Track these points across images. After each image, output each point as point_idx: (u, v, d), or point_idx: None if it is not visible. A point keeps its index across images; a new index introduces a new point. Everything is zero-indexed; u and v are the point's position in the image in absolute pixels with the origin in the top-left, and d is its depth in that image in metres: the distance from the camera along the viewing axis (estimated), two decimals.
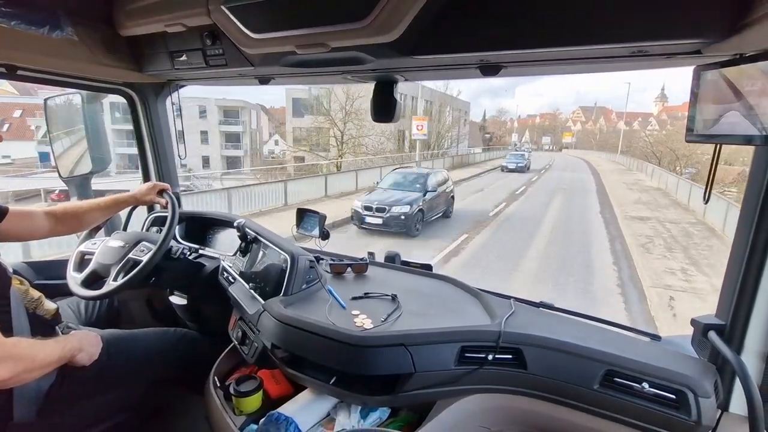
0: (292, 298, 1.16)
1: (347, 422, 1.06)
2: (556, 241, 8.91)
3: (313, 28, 0.92)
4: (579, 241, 9.01)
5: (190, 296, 1.55)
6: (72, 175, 1.78)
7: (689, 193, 13.48)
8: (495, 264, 7.28)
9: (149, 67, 1.42)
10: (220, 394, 1.17)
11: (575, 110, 65.34)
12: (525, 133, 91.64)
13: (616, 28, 0.72)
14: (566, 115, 78.66)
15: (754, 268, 0.88)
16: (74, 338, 1.10)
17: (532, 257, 7.64)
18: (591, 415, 1.00)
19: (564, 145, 75.34)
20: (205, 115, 31.66)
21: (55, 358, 0.99)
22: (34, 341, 0.97)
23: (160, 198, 1.49)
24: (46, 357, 0.96)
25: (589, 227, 10.53)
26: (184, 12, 1.10)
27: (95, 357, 1.15)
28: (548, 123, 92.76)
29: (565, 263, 7.34)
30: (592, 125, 67.30)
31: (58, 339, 1.08)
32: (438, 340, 1.01)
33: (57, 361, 1.00)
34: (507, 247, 8.29)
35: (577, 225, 10.81)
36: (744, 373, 0.84)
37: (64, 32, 1.19)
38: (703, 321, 0.99)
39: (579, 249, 8.36)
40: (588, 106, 59.79)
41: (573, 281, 6.51)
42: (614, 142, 51.41)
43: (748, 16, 0.63)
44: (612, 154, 45.35)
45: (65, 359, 1.04)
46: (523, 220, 11.01)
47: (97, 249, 1.40)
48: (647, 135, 47.61)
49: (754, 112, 0.67)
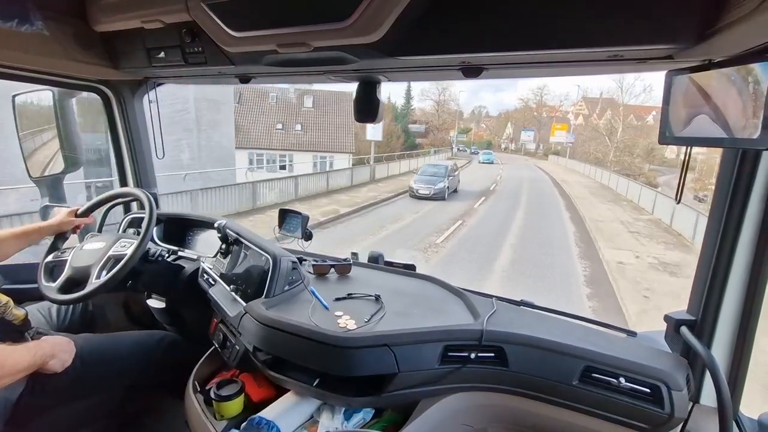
0: (275, 300, 1.15)
1: (331, 424, 1.05)
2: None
3: (294, 28, 0.91)
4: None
5: (169, 299, 1.52)
6: (43, 175, 1.72)
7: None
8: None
9: (125, 64, 1.38)
10: (200, 398, 1.14)
11: (577, 101, 47.10)
12: (506, 127, 64.06)
13: (594, 32, 0.74)
14: (567, 108, 53.67)
15: (723, 265, 0.92)
16: (46, 344, 1.06)
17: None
18: (570, 410, 1.03)
19: (553, 148, 48.39)
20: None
21: (24, 365, 0.96)
22: (2, 347, 0.93)
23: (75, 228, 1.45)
24: (15, 364, 0.93)
25: None
26: (162, 8, 1.07)
27: (68, 363, 1.11)
28: (534, 114, 58.77)
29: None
30: (597, 118, 42.74)
31: (29, 345, 1.04)
32: (421, 339, 1.01)
33: (27, 368, 0.97)
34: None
35: None
36: (714, 366, 0.88)
37: (34, 26, 1.15)
38: (676, 317, 1.02)
39: None
40: (592, 98, 44.56)
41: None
42: (642, 142, 33.42)
43: (717, 23, 0.65)
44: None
45: (36, 366, 1.00)
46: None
47: (70, 255, 1.35)
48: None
49: (722, 116, 0.70)
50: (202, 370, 1.26)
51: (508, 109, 64.70)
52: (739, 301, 0.92)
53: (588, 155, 37.97)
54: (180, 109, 11.23)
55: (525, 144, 58.44)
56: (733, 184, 0.88)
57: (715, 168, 0.80)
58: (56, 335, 1.20)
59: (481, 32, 0.82)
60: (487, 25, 0.81)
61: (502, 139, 64.60)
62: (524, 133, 55.80)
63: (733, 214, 0.89)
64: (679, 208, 11.73)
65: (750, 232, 0.88)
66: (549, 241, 10.14)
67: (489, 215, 13.13)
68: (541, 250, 9.20)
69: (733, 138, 0.68)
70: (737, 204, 0.88)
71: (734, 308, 0.93)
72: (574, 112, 47.18)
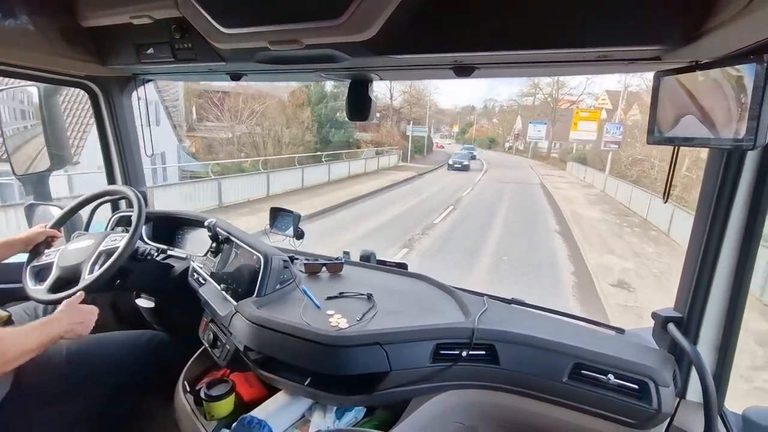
0: (266, 299, 1.14)
1: (322, 423, 1.05)
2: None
3: (286, 25, 0.91)
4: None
5: (158, 299, 1.50)
6: (27, 173, 1.68)
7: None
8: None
9: (113, 60, 1.36)
10: (190, 398, 1.13)
11: (600, 95, 35.19)
12: (516, 122, 46.63)
13: (583, 33, 0.75)
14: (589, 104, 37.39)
15: (709, 264, 0.94)
16: (57, 321, 1.03)
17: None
18: (560, 406, 1.04)
19: (575, 150, 31.49)
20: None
21: (31, 347, 0.94)
22: (4, 330, 0.91)
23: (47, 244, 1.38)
24: (19, 346, 0.91)
25: None
26: (151, 3, 1.05)
27: (91, 327, 1.11)
28: (547, 101, 42.34)
29: None
30: (623, 114, 27.61)
31: (35, 324, 1.00)
32: (413, 338, 1.01)
33: (35, 350, 0.95)
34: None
35: None
36: (699, 362, 0.90)
37: (19, 20, 1.12)
38: (663, 314, 1.04)
39: None
40: (614, 91, 33.08)
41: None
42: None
43: (703, 26, 0.67)
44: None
45: (45, 345, 0.98)
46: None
47: (56, 256, 1.32)
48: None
49: (708, 117, 0.71)
50: (191, 370, 1.25)
51: (519, 103, 47.63)
52: (724, 299, 0.94)
53: (622, 168, 20.97)
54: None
55: (534, 142, 40.05)
56: (719, 183, 0.90)
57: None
58: (74, 305, 1.13)
59: (473, 32, 0.83)
60: (479, 25, 0.82)
61: (509, 135, 48.97)
62: (532, 126, 36.14)
63: (719, 214, 0.91)
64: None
65: (735, 231, 0.90)
66: None
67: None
68: None
69: (719, 138, 0.70)
70: (723, 203, 0.90)
71: (720, 306, 0.95)
72: (596, 107, 32.68)
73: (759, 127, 0.62)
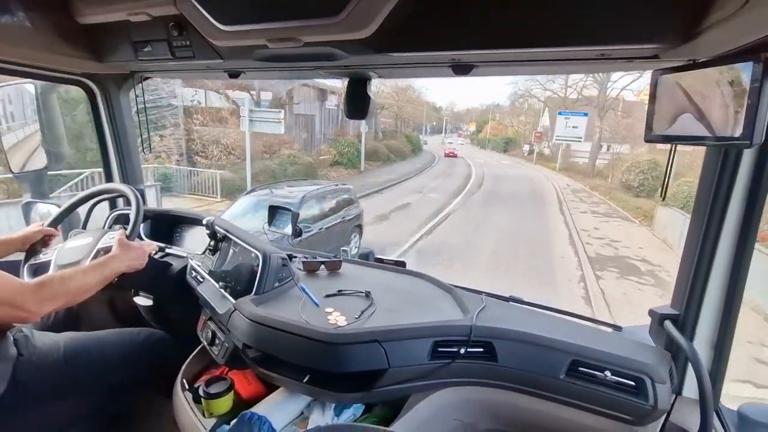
0: (264, 297, 1.14)
1: (321, 420, 1.05)
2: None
3: (284, 22, 0.90)
4: None
5: (156, 297, 1.49)
6: (24, 170, 1.68)
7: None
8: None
9: (110, 57, 1.35)
10: (188, 396, 1.13)
11: (640, 91, 22.41)
12: (542, 117, 35.05)
13: (582, 32, 0.76)
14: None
15: (705, 261, 0.95)
16: (118, 260, 1.17)
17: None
18: (557, 403, 1.04)
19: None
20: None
21: (94, 283, 1.10)
22: (63, 272, 1.07)
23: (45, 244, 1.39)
24: (81, 285, 1.07)
25: None
26: (148, 1, 1.05)
27: (146, 260, 1.27)
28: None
29: None
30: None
31: (95, 264, 1.14)
32: (411, 335, 1.02)
33: (98, 284, 1.11)
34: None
35: None
36: (696, 359, 0.91)
37: (15, 17, 1.11)
38: (660, 311, 1.05)
39: None
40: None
41: None
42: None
43: (701, 24, 0.67)
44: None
45: (108, 280, 1.14)
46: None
47: (53, 255, 1.32)
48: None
49: (705, 115, 0.72)
50: (190, 367, 1.25)
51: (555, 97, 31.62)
52: (720, 296, 0.94)
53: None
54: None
55: (566, 144, 25.47)
56: (716, 182, 0.90)
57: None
58: (125, 243, 1.23)
59: (472, 30, 0.83)
60: (478, 23, 0.82)
61: (532, 136, 37.13)
62: (562, 118, 21.29)
63: (716, 212, 0.91)
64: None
65: (731, 229, 0.91)
66: None
67: None
68: None
69: (716, 136, 0.70)
70: (719, 201, 0.90)
71: (716, 303, 0.95)
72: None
73: (755, 125, 0.63)
